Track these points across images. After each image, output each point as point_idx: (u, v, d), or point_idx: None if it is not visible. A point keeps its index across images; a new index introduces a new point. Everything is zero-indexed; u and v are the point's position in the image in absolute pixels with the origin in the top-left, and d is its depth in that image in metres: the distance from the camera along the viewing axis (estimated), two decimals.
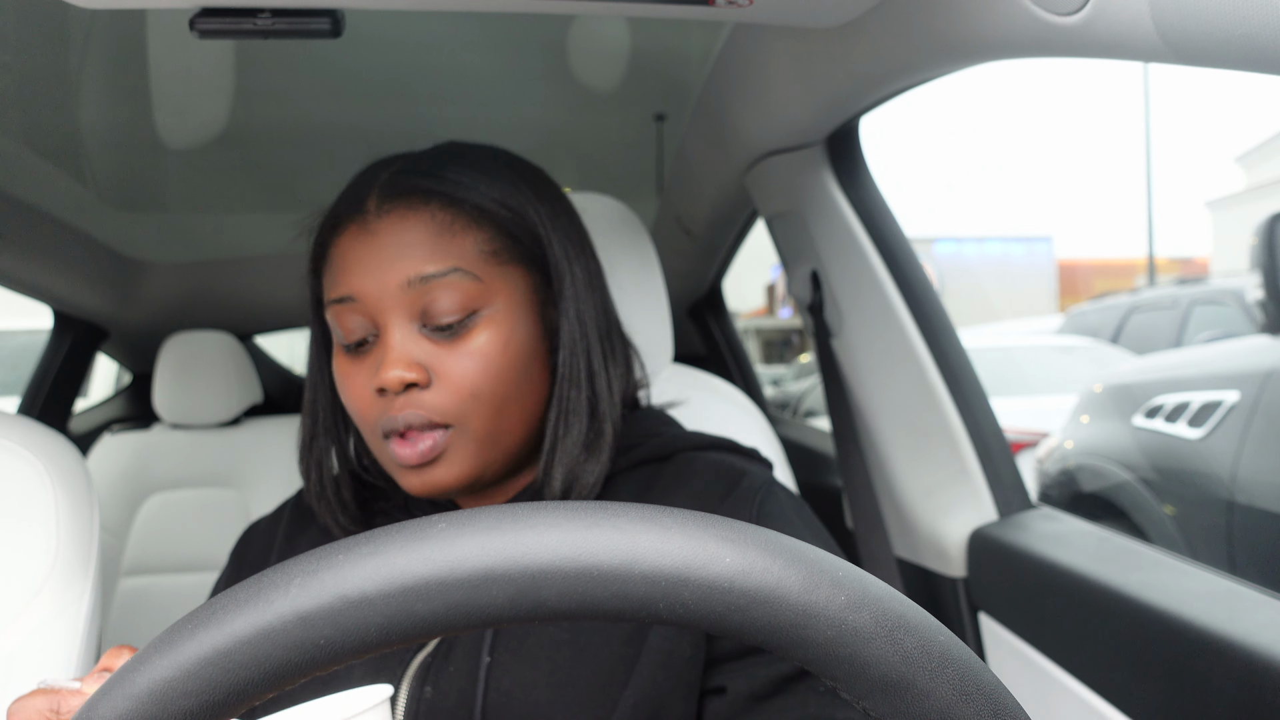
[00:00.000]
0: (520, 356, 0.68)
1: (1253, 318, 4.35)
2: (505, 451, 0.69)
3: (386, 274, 0.66)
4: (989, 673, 0.31)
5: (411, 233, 0.67)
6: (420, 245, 0.66)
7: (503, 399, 0.67)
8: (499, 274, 0.68)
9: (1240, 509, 2.42)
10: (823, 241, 1.22)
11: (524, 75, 1.44)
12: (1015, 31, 0.64)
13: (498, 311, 0.68)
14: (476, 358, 0.66)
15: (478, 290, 0.67)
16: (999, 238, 25.82)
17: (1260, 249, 2.45)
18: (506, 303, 0.68)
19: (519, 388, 0.68)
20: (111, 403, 2.62)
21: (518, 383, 0.68)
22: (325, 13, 0.66)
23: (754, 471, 0.74)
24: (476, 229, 0.68)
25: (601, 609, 0.30)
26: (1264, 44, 0.45)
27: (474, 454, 0.67)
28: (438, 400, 0.65)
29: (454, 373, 0.66)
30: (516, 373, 0.68)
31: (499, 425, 0.67)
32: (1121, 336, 5.95)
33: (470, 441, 0.67)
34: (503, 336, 0.67)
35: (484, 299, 0.67)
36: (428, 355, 0.66)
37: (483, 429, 0.67)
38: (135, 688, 0.29)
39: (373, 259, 0.67)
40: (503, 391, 0.67)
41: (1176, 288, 5.75)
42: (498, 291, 0.68)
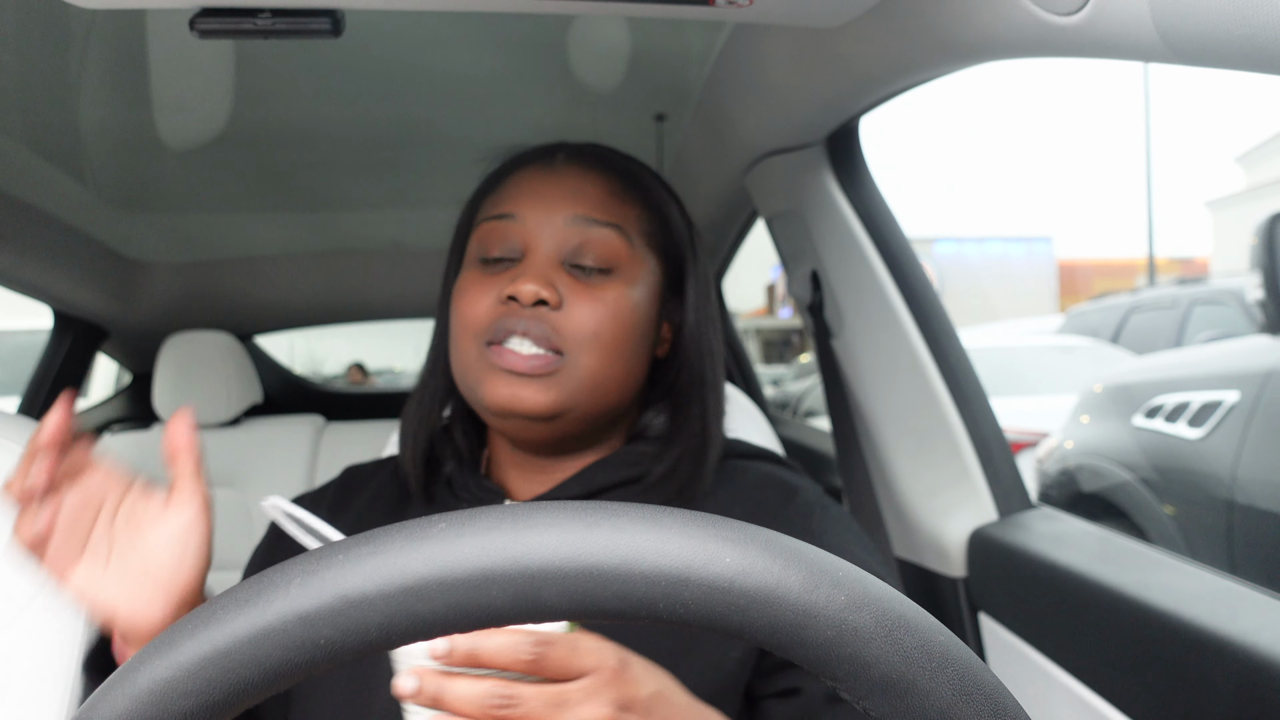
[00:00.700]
0: (638, 326, 0.73)
1: (1253, 318, 4.35)
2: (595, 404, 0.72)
3: (556, 205, 0.72)
4: (989, 673, 0.31)
5: (589, 183, 0.74)
6: (593, 195, 0.74)
7: (615, 351, 0.71)
8: (645, 253, 0.75)
9: (1240, 509, 2.42)
10: (823, 241, 1.22)
11: (524, 75, 1.44)
12: (1015, 31, 0.64)
13: (633, 280, 0.73)
14: (606, 304, 0.71)
15: (626, 252, 0.73)
16: (999, 238, 25.82)
17: (1260, 249, 2.45)
18: (643, 279, 0.74)
19: (630, 352, 0.73)
20: (111, 403, 2.62)
21: (631, 346, 0.72)
22: (325, 13, 0.66)
23: (806, 486, 0.77)
24: (639, 206, 0.76)
25: (601, 609, 0.30)
26: (1264, 44, 0.45)
27: (569, 389, 0.69)
28: (560, 323, 0.69)
29: (583, 308, 0.70)
30: (632, 337, 0.72)
31: (602, 374, 0.71)
32: (1121, 336, 5.95)
33: (572, 375, 0.69)
34: (631, 300, 0.72)
35: (628, 263, 0.73)
36: (564, 285, 0.70)
37: (588, 370, 0.70)
38: (135, 688, 0.29)
39: (547, 190, 0.74)
40: (617, 345, 0.71)
41: (1176, 288, 5.76)
42: (639, 265, 0.74)
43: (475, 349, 0.70)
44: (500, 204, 0.75)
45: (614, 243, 0.72)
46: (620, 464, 0.76)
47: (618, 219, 0.73)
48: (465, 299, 0.72)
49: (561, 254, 0.72)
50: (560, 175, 0.75)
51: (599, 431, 0.76)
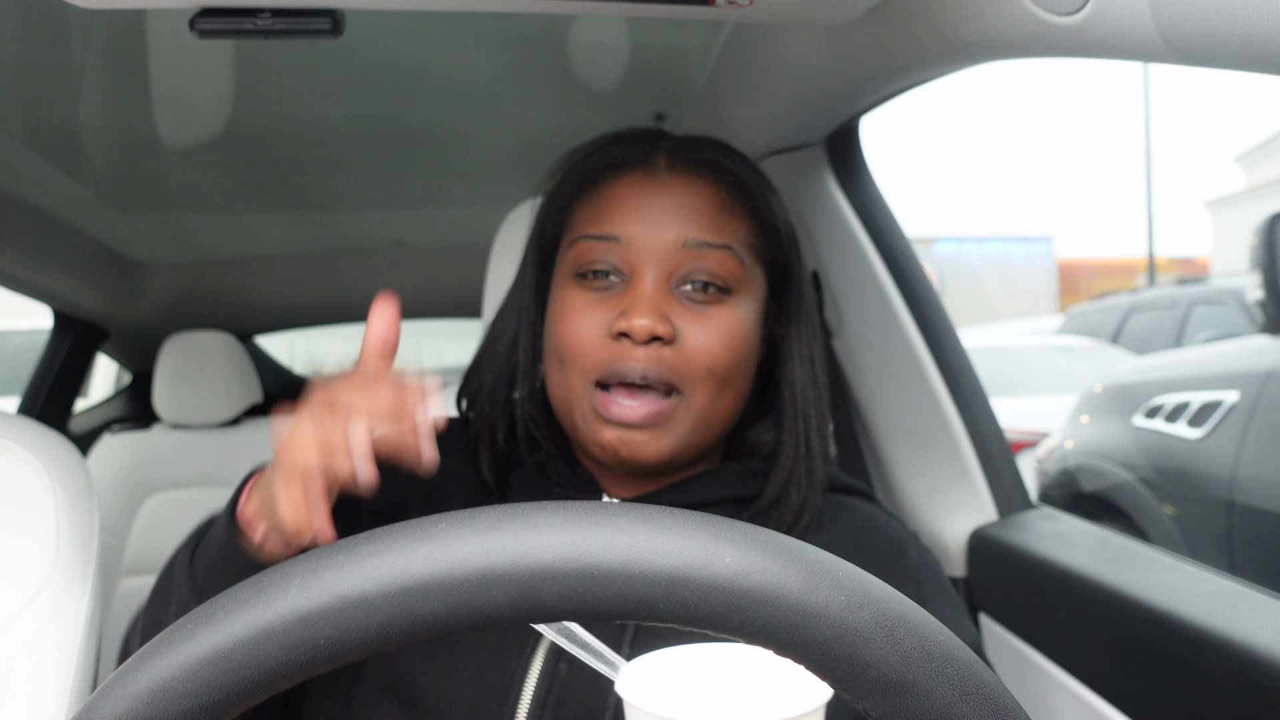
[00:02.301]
0: (750, 349, 0.69)
1: (1253, 318, 4.35)
2: (706, 438, 0.69)
3: (665, 227, 0.67)
4: (989, 673, 0.31)
5: (699, 198, 0.68)
6: (704, 213, 0.68)
7: (728, 381, 0.67)
8: (754, 269, 0.71)
9: (1240, 509, 2.42)
10: (823, 241, 1.22)
11: (524, 75, 1.44)
12: (1015, 31, 0.64)
13: (745, 300, 0.69)
14: (721, 333, 0.66)
15: (740, 273, 0.68)
16: (999, 238, 25.81)
17: (1260, 249, 2.45)
18: (752, 297, 0.70)
19: (741, 380, 0.69)
20: (111, 403, 2.62)
21: (741, 374, 0.69)
22: (325, 12, 0.66)
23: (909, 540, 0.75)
24: (748, 220, 0.70)
25: (602, 609, 0.30)
26: (1264, 44, 0.45)
27: (682, 432, 0.66)
28: (678, 360, 0.65)
29: (697, 340, 0.65)
30: (746, 362, 0.69)
31: (714, 408, 0.67)
32: (1121, 336, 5.96)
33: (685, 417, 0.66)
34: (745, 323, 0.68)
35: (740, 284, 0.68)
36: (676, 315, 0.66)
37: (704, 406, 0.66)
38: (135, 688, 0.29)
39: (655, 209, 0.67)
40: (731, 374, 0.67)
41: (1176, 288, 5.76)
42: (749, 284, 0.70)
43: (582, 387, 0.66)
44: (601, 221, 0.68)
45: (728, 265, 0.67)
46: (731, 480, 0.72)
47: (728, 238, 0.68)
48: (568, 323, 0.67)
49: (671, 278, 0.67)
50: (665, 188, 0.68)
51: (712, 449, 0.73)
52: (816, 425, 0.72)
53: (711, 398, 0.66)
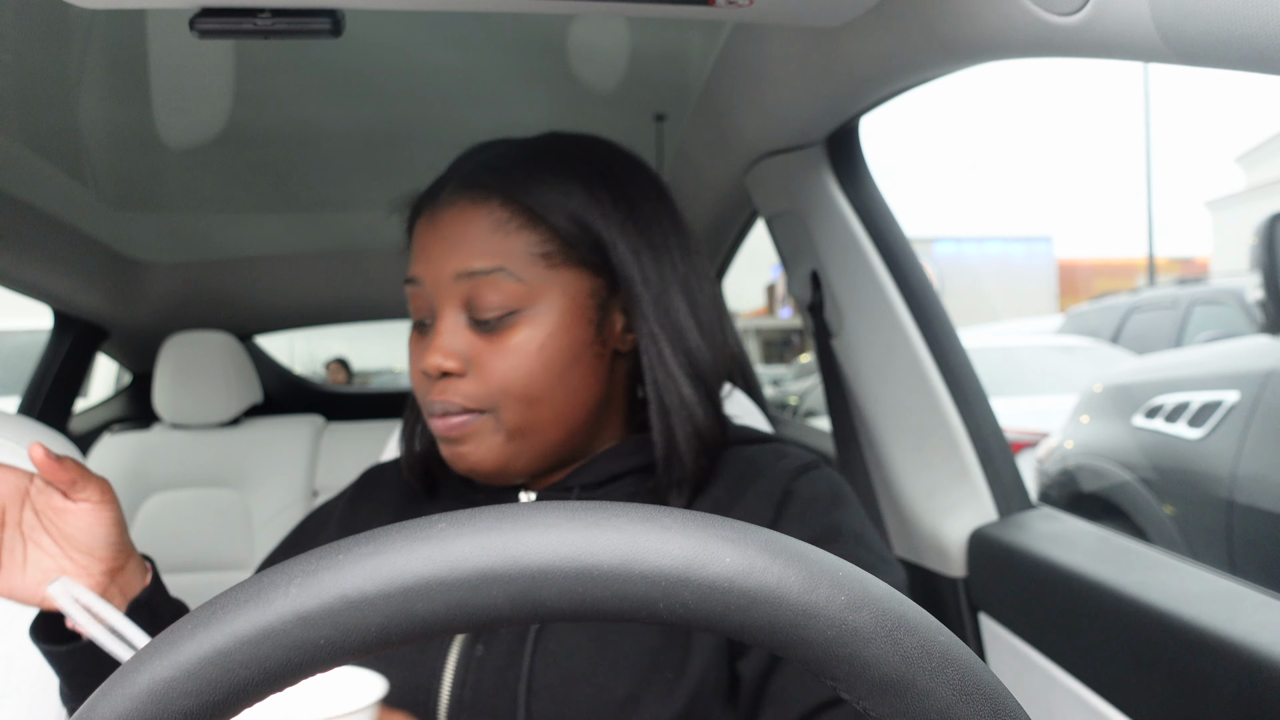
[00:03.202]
0: (559, 357, 0.70)
1: (1253, 318, 4.35)
2: (539, 445, 0.71)
3: (442, 264, 0.70)
4: (989, 673, 0.31)
5: (469, 226, 0.69)
6: (474, 240, 0.69)
7: (534, 396, 0.69)
8: (548, 276, 0.70)
9: (1240, 509, 2.42)
10: (823, 241, 1.22)
11: (524, 75, 1.44)
12: (1015, 31, 0.64)
13: (539, 314, 0.69)
14: (511, 354, 0.68)
15: (520, 291, 0.69)
16: (999, 238, 25.82)
17: (1260, 249, 2.45)
18: (552, 305, 0.70)
19: (555, 386, 0.70)
20: (111, 403, 2.62)
21: (553, 381, 0.70)
22: (325, 13, 0.66)
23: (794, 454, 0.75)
24: (530, 230, 0.69)
25: (602, 609, 0.30)
26: (1264, 44, 0.45)
27: (501, 442, 0.69)
28: (470, 389, 0.69)
29: (487, 366, 0.68)
30: (553, 371, 0.69)
31: (530, 420, 0.69)
32: (1121, 336, 5.96)
33: (500, 429, 0.69)
34: (540, 337, 0.69)
35: (526, 300, 0.69)
36: (469, 346, 0.69)
37: (512, 421, 0.69)
38: (135, 688, 0.29)
39: (434, 247, 0.71)
40: (534, 389, 0.69)
41: (1176, 288, 5.76)
42: (543, 294, 0.69)
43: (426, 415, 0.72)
44: (409, 266, 0.73)
45: (503, 286, 0.68)
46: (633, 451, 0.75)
47: (501, 259, 0.68)
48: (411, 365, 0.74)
49: (461, 312, 0.70)
50: (442, 222, 0.71)
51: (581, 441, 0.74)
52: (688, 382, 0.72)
53: (521, 410, 0.69)
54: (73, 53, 1.22)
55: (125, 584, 0.68)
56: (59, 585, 0.62)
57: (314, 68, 1.35)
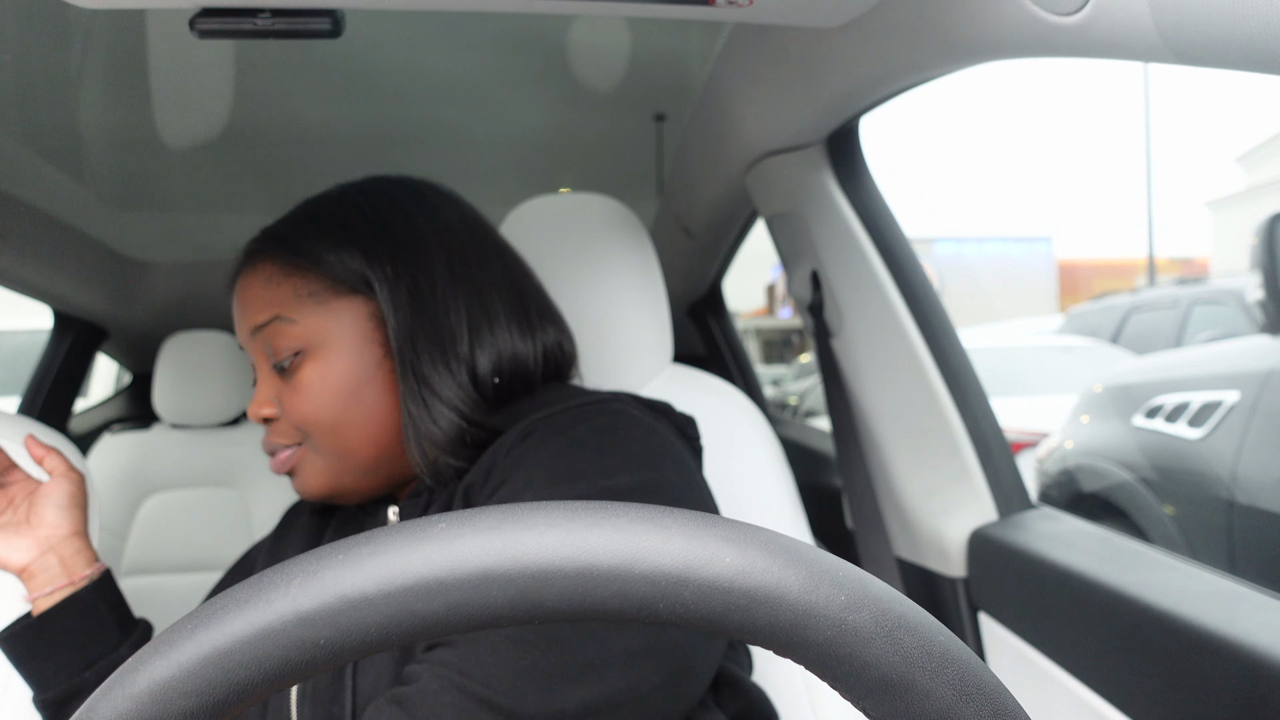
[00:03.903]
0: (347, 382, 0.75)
1: (1253, 318, 4.35)
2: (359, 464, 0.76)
3: (241, 327, 0.79)
4: (989, 673, 0.31)
5: (248, 289, 0.78)
6: (253, 299, 0.77)
7: (333, 423, 0.75)
8: (320, 312, 0.76)
9: (1240, 509, 2.42)
10: (823, 241, 1.22)
11: (524, 75, 1.44)
12: (1015, 31, 0.64)
13: (320, 347, 0.75)
14: (303, 391, 0.75)
15: (296, 332, 0.75)
16: (999, 238, 25.83)
17: (1260, 249, 2.45)
18: (330, 336, 0.76)
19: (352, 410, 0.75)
20: (111, 403, 2.62)
21: (347, 407, 0.75)
22: (325, 13, 0.66)
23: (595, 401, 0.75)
24: (296, 276, 0.76)
25: (601, 609, 0.30)
26: (1264, 44, 0.45)
27: (324, 468, 0.77)
28: (283, 428, 0.77)
29: (289, 405, 0.76)
30: (344, 398, 0.75)
31: (340, 444, 0.75)
32: (1121, 336, 5.96)
33: (318, 457, 0.76)
34: (322, 369, 0.75)
35: (305, 338, 0.75)
36: (278, 391, 0.77)
37: (326, 447, 0.76)
38: (135, 688, 0.29)
39: (235, 315, 0.80)
40: (331, 416, 0.75)
41: (1176, 288, 5.76)
42: (319, 329, 0.76)
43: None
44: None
45: (282, 330, 0.75)
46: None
47: (275, 308, 0.76)
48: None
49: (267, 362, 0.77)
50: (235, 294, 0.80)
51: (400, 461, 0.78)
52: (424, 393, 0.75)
53: (330, 440, 0.75)
54: (73, 53, 1.22)
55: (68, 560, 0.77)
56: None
57: (314, 68, 1.35)
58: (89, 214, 1.75)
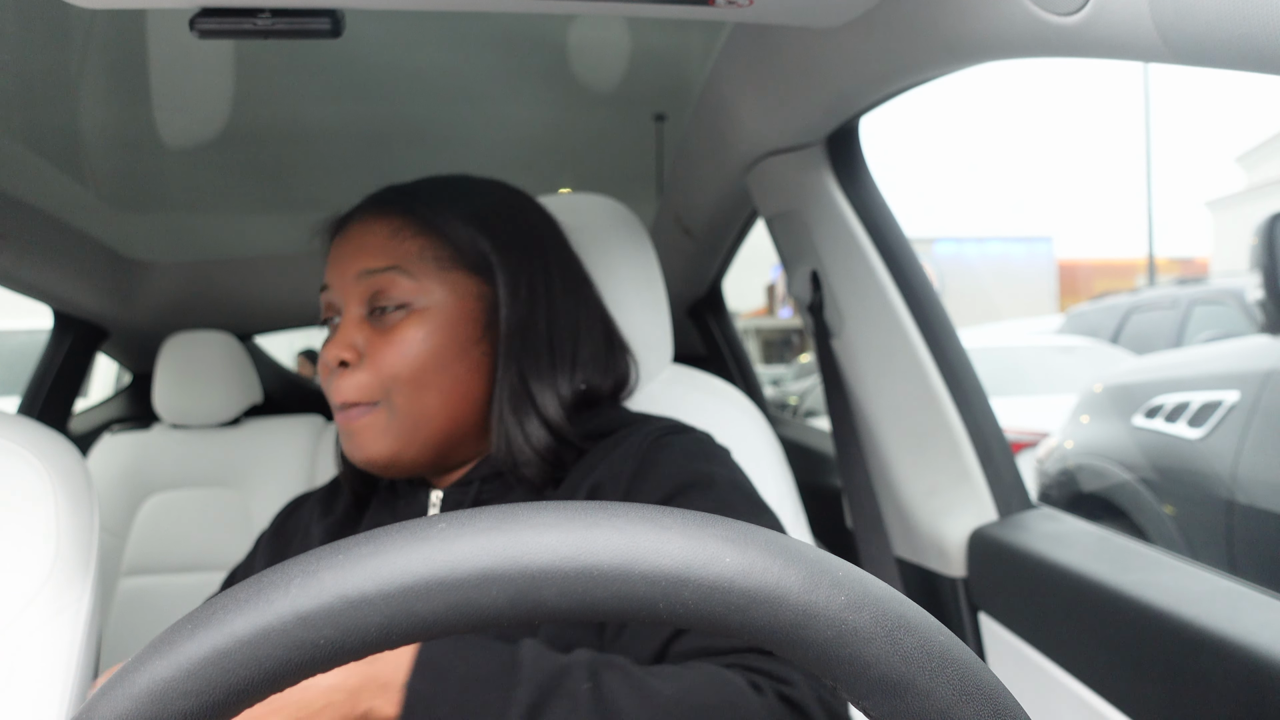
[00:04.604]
0: (444, 351, 0.77)
1: (1253, 318, 4.35)
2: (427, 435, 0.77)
3: (346, 266, 0.79)
4: (989, 673, 0.31)
5: (369, 235, 0.79)
6: (373, 244, 0.78)
7: (421, 384, 0.76)
8: (439, 278, 0.78)
9: (1240, 509, 2.42)
10: (823, 241, 1.22)
11: (524, 75, 1.44)
12: (1015, 31, 0.64)
13: (429, 308, 0.77)
14: (400, 344, 0.76)
15: (413, 287, 0.77)
16: (999, 238, 25.83)
17: (1260, 249, 2.45)
18: (441, 303, 0.78)
19: (441, 378, 0.77)
20: (111, 403, 2.62)
21: (439, 373, 0.76)
22: (325, 13, 0.66)
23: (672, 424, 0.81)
24: (424, 237, 0.79)
25: (601, 609, 0.30)
26: (1264, 44, 0.45)
27: (395, 430, 0.76)
28: (363, 378, 0.76)
29: (379, 356, 0.76)
30: (439, 364, 0.76)
31: (419, 408, 0.76)
32: (1121, 336, 5.96)
33: (393, 419, 0.76)
34: (426, 330, 0.76)
35: (417, 295, 0.77)
36: (366, 339, 0.77)
37: (404, 408, 0.76)
38: (135, 688, 0.29)
39: (340, 255, 0.80)
40: (421, 378, 0.76)
41: (1176, 288, 5.76)
42: (432, 291, 0.78)
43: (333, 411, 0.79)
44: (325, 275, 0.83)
45: (397, 283, 0.77)
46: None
47: (395, 259, 0.77)
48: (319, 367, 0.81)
49: (362, 309, 0.78)
50: (349, 235, 0.80)
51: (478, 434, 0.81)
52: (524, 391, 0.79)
53: (409, 400, 0.76)
54: (73, 53, 1.22)
55: None
56: None
57: (314, 68, 1.35)
58: (89, 214, 1.75)
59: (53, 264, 1.75)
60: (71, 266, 1.82)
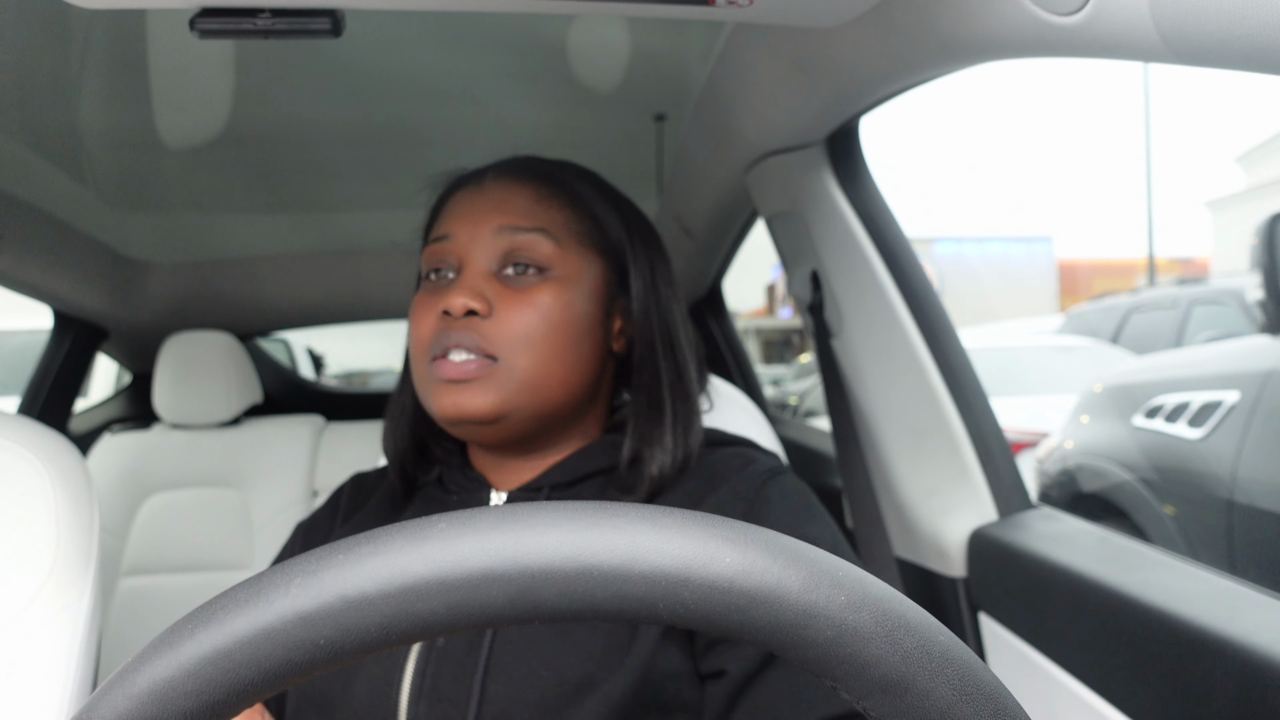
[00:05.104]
0: (575, 325, 0.75)
1: (1253, 318, 4.35)
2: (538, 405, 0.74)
3: (483, 219, 0.76)
4: (989, 673, 0.31)
5: (515, 193, 0.77)
6: (519, 204, 0.76)
7: (550, 352, 0.73)
8: (578, 251, 0.77)
9: (1240, 509, 2.42)
10: (823, 241, 1.22)
11: (524, 75, 1.44)
12: (1015, 31, 0.64)
13: (566, 278, 0.75)
14: (537, 307, 0.73)
15: (555, 253, 0.75)
16: (999, 238, 25.82)
17: (1260, 249, 2.45)
18: (576, 277, 0.76)
19: (567, 351, 0.75)
20: (111, 403, 2.62)
21: (567, 345, 0.75)
22: (325, 13, 0.66)
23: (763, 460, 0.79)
24: (569, 208, 0.78)
25: (601, 609, 0.30)
26: (1264, 44, 0.45)
27: (509, 391, 0.72)
28: (491, 330, 0.72)
29: (513, 313, 0.73)
30: (569, 336, 0.75)
31: (540, 374, 0.73)
32: (1121, 336, 5.96)
33: (509, 379, 0.72)
34: (564, 299, 0.75)
35: (558, 263, 0.75)
36: (495, 294, 0.74)
37: (525, 371, 0.72)
38: (135, 688, 0.29)
39: (475, 208, 0.77)
40: (551, 345, 0.73)
41: (1176, 288, 5.76)
42: (571, 263, 0.76)
43: (424, 365, 0.75)
44: (439, 227, 0.79)
45: (541, 246, 0.75)
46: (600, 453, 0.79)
47: (543, 223, 0.76)
48: (414, 318, 0.77)
49: (492, 264, 0.75)
50: (487, 191, 0.78)
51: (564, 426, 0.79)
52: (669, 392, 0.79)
53: (533, 363, 0.73)
54: (73, 53, 1.22)
55: None
56: None
57: (314, 68, 1.35)
58: (89, 214, 1.75)
59: (53, 264, 1.75)
60: (71, 266, 1.82)
